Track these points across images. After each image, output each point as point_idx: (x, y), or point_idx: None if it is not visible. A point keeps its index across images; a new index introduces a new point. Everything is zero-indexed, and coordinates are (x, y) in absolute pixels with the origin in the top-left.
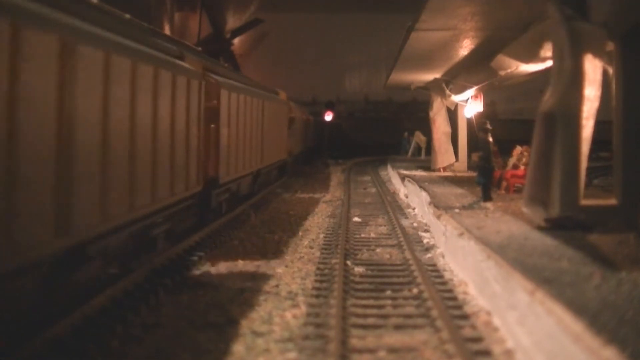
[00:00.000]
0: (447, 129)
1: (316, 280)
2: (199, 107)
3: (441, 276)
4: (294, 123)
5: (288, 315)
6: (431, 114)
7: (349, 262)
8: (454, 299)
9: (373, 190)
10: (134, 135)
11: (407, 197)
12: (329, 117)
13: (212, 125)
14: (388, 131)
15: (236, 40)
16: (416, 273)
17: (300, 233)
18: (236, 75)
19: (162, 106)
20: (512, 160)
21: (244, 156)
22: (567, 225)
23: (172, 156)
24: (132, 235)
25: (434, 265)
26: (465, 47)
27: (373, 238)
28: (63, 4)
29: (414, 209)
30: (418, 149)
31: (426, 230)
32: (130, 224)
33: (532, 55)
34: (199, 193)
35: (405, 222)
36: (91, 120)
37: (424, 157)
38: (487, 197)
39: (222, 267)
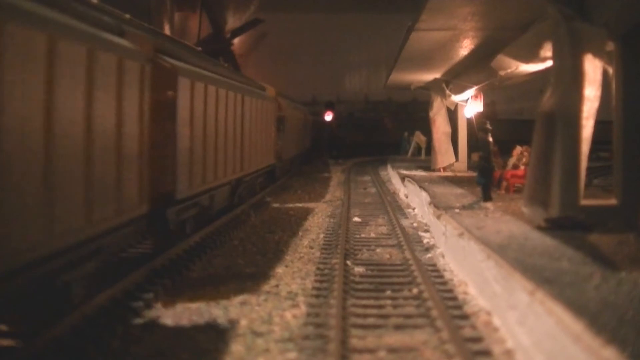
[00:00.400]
0: (447, 129)
1: (316, 280)
2: (141, 98)
3: (441, 276)
4: (284, 122)
5: (288, 315)
6: (431, 114)
7: (349, 262)
8: (454, 299)
9: (373, 190)
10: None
11: (407, 197)
12: (329, 117)
13: (167, 124)
14: (388, 131)
15: (236, 40)
16: (416, 273)
17: (300, 233)
18: (206, 62)
19: (66, 95)
20: (512, 160)
21: (216, 163)
22: (567, 225)
23: (88, 169)
24: (20, 288)
25: (434, 265)
26: (465, 47)
27: (373, 238)
28: None
29: (414, 209)
30: (418, 149)
31: (426, 230)
32: (11, 275)
33: (532, 55)
34: (146, 215)
35: (405, 222)
36: None
37: (424, 157)
38: (487, 197)
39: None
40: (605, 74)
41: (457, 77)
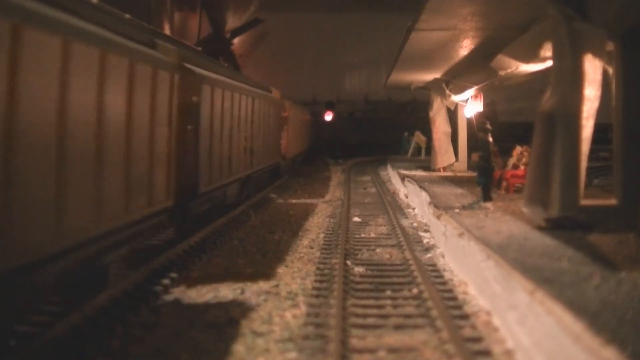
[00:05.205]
0: (447, 129)
1: (316, 280)
2: (171, 103)
3: (441, 276)
4: (288, 123)
5: (288, 315)
6: (431, 114)
7: (349, 262)
8: (454, 299)
9: (373, 190)
10: (63, 137)
11: (407, 197)
12: (329, 117)
13: (190, 126)
14: (388, 131)
15: (236, 40)
16: (416, 273)
17: (300, 233)
18: (223, 69)
19: (111, 101)
20: (512, 160)
21: (230, 161)
22: (567, 225)
23: (127, 165)
24: (68, 268)
25: (434, 265)
26: (465, 47)
27: (373, 238)
28: None
29: (414, 209)
30: (418, 149)
31: (426, 230)
32: (62, 255)
33: (532, 55)
34: (172, 206)
35: (405, 222)
36: None
37: (424, 157)
38: (487, 197)
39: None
40: (605, 74)
41: (457, 77)
